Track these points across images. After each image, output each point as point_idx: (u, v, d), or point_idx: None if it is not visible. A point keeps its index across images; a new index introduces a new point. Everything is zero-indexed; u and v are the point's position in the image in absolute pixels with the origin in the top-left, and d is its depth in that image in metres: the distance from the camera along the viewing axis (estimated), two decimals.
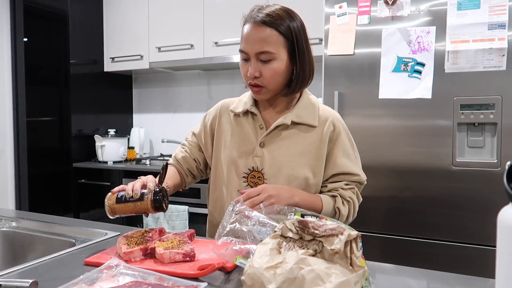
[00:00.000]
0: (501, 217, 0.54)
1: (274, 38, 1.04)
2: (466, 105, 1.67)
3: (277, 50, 1.05)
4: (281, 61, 1.06)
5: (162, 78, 3.36)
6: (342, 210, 1.10)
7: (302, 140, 1.12)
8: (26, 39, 3.01)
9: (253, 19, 1.05)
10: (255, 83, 1.07)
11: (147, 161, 2.85)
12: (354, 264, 0.65)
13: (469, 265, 1.61)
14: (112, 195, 1.03)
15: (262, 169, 1.11)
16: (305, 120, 1.12)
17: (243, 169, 1.14)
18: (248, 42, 1.06)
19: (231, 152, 1.16)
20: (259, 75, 1.06)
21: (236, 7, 2.63)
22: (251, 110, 1.16)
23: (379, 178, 1.79)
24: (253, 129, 1.16)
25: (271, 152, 1.12)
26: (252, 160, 1.12)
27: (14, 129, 3.01)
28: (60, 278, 0.78)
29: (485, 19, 1.63)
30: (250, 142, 1.14)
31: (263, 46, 1.04)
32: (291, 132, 1.13)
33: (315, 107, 1.15)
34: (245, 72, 1.08)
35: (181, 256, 0.86)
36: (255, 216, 0.86)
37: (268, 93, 1.10)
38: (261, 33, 1.04)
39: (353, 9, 1.85)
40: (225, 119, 1.21)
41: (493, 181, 1.63)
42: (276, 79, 1.07)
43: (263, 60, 1.05)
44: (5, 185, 3.00)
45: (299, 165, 1.10)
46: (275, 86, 1.09)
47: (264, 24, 1.04)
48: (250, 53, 1.06)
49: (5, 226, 1.28)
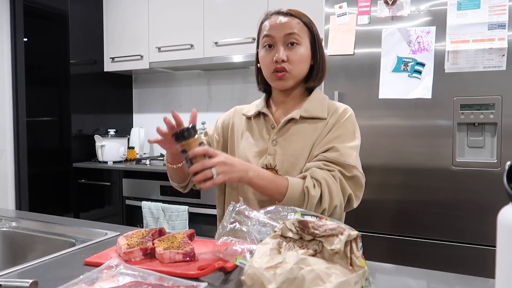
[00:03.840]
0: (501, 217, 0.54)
1: (299, 26, 1.10)
2: (466, 105, 1.67)
3: (303, 35, 1.10)
4: (306, 48, 1.11)
5: (162, 78, 3.36)
6: (311, 190, 0.98)
7: (312, 133, 1.10)
8: (26, 39, 3.01)
9: (277, 11, 1.12)
10: (282, 67, 1.09)
11: (147, 161, 2.85)
12: (354, 264, 0.65)
13: (469, 265, 1.61)
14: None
15: (275, 166, 1.10)
16: (313, 113, 1.12)
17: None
18: (275, 27, 1.10)
19: (244, 153, 1.16)
20: (286, 59, 1.08)
21: (236, 7, 2.63)
22: (262, 111, 1.17)
23: (379, 178, 1.79)
24: (265, 129, 1.16)
25: (283, 148, 1.11)
26: (266, 159, 1.12)
27: (14, 129, 3.01)
28: (60, 278, 0.78)
29: (485, 19, 1.63)
30: (262, 142, 1.15)
31: (292, 28, 1.09)
32: (301, 127, 1.12)
33: (323, 101, 1.15)
34: (270, 59, 1.10)
35: (181, 256, 0.86)
36: (255, 216, 0.86)
37: (291, 79, 1.11)
38: (288, 19, 1.10)
39: (353, 9, 1.85)
40: (238, 122, 1.23)
41: (493, 181, 1.63)
42: (300, 65, 1.11)
43: (290, 44, 1.09)
44: (5, 185, 3.00)
45: (311, 157, 1.08)
46: (298, 73, 1.11)
47: (289, 14, 1.11)
48: (277, 36, 1.09)
49: (5, 226, 1.28)
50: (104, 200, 2.86)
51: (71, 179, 2.96)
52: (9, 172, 3.01)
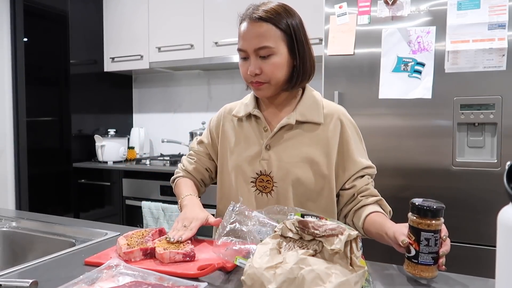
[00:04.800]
0: (501, 217, 0.54)
1: (272, 33, 1.02)
2: (466, 105, 1.67)
3: (275, 44, 1.02)
4: (281, 55, 1.04)
5: (162, 78, 3.36)
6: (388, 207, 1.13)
7: (309, 140, 1.08)
8: (26, 39, 3.01)
9: (249, 16, 1.04)
10: (256, 80, 1.05)
11: (147, 161, 2.85)
12: (354, 264, 0.65)
13: (469, 265, 1.61)
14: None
15: (270, 172, 1.08)
16: (309, 118, 1.09)
17: (250, 174, 1.11)
18: (246, 39, 1.04)
19: (237, 157, 1.13)
20: (260, 72, 1.04)
21: (236, 7, 2.62)
22: (254, 113, 1.13)
23: (379, 178, 1.78)
24: (257, 132, 1.13)
25: (278, 154, 1.09)
26: (259, 164, 1.09)
27: (14, 129, 3.01)
28: (60, 278, 0.78)
29: (485, 19, 1.63)
30: (255, 146, 1.12)
31: (262, 41, 1.02)
32: (297, 132, 1.09)
33: (319, 104, 1.12)
34: (245, 71, 1.06)
35: (181, 256, 0.86)
36: (255, 216, 0.86)
37: (269, 89, 1.07)
38: (258, 29, 1.02)
39: (353, 9, 1.85)
40: (228, 125, 1.20)
41: (493, 181, 1.62)
42: (277, 74, 1.04)
43: (262, 56, 1.03)
44: (5, 185, 3.00)
45: (307, 168, 1.07)
46: (276, 81, 1.05)
47: (261, 20, 1.02)
48: (248, 50, 1.03)
49: (5, 226, 1.28)
50: (104, 200, 2.86)
51: (71, 179, 2.96)
52: (9, 172, 3.01)
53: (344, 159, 1.09)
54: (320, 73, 1.97)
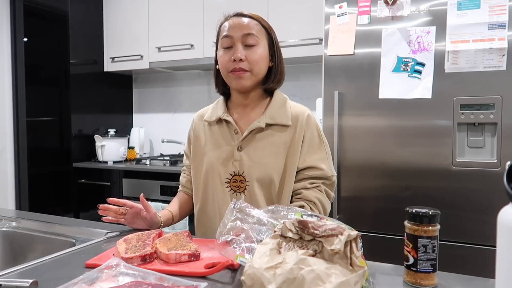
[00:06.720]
0: (501, 217, 0.54)
1: (257, 28, 1.13)
2: (466, 105, 1.67)
3: (261, 36, 1.12)
4: (264, 48, 1.13)
5: (162, 78, 3.36)
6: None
7: (278, 140, 1.13)
8: (26, 39, 3.01)
9: (235, 14, 1.15)
10: (239, 67, 1.09)
11: (147, 161, 2.85)
12: (354, 264, 0.65)
13: (469, 265, 1.61)
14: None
15: (243, 172, 1.13)
16: (278, 120, 1.14)
17: (224, 175, 1.15)
18: (234, 28, 1.11)
19: (210, 160, 1.17)
20: (245, 58, 1.09)
21: (236, 7, 2.62)
22: (224, 118, 1.17)
23: (379, 178, 1.79)
24: (228, 135, 1.17)
25: (249, 155, 1.13)
26: (232, 165, 1.14)
27: (14, 129, 3.01)
28: (60, 278, 0.78)
29: (485, 19, 1.63)
30: (227, 148, 1.16)
31: (251, 29, 1.11)
32: (267, 133, 1.14)
33: (286, 107, 1.17)
34: (228, 58, 1.11)
35: (187, 256, 0.86)
36: (256, 214, 0.86)
37: (250, 79, 1.12)
38: (246, 20, 1.13)
39: (353, 9, 1.85)
40: (200, 130, 1.24)
41: (493, 181, 1.63)
42: (260, 64, 1.12)
43: (247, 46, 1.10)
44: (5, 185, 3.00)
45: (275, 167, 1.11)
46: (257, 72, 1.12)
47: (247, 16, 1.14)
48: (235, 36, 1.10)
49: (5, 226, 1.28)
50: (104, 200, 2.85)
51: (71, 179, 2.96)
52: (9, 172, 3.01)
53: (300, 158, 1.14)
54: (320, 73, 1.97)
